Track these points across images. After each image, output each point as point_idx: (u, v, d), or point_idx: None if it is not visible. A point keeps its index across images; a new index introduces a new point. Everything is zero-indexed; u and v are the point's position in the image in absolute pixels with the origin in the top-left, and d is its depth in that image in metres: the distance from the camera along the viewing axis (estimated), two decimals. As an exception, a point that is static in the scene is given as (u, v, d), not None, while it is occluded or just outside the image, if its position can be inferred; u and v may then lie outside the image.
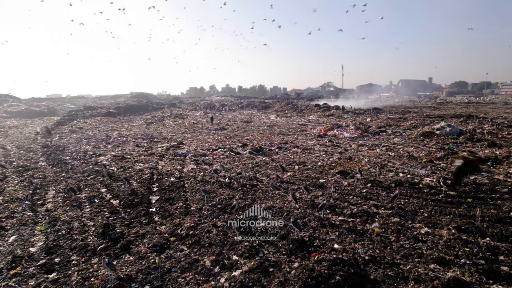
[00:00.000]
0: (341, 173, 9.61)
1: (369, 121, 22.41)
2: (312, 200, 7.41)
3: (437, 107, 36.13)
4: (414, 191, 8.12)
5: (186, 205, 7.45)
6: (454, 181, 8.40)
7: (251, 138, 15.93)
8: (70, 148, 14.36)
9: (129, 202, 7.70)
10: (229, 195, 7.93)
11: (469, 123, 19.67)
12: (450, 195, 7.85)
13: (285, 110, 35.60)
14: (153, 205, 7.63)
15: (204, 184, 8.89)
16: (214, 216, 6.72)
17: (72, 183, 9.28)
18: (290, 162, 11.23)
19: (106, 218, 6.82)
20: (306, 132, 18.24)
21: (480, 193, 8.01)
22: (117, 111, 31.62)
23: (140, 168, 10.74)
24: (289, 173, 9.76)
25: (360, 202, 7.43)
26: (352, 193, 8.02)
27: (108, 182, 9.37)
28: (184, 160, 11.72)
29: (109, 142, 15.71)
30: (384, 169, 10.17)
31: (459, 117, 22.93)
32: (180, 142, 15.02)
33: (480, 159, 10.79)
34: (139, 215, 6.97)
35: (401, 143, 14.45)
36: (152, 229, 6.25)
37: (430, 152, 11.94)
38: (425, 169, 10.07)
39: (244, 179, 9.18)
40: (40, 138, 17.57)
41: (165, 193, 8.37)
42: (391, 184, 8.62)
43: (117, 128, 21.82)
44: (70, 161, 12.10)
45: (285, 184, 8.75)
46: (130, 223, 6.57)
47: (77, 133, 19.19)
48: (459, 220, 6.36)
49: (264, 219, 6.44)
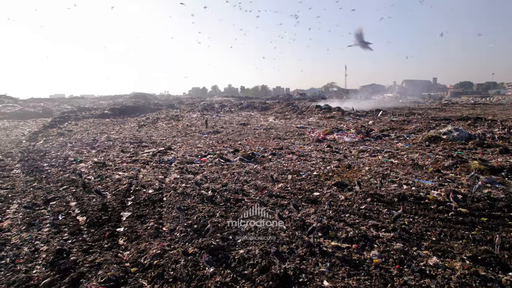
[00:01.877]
0: (338, 185, 8.63)
1: (371, 123, 21.36)
2: (302, 220, 6.46)
3: (443, 108, 34.97)
4: (420, 208, 7.16)
5: (159, 224, 6.53)
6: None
7: (245, 143, 14.95)
8: (51, 153, 13.45)
9: (96, 220, 6.79)
10: (209, 212, 7.00)
11: (478, 127, 18.60)
12: (461, 213, 6.89)
13: (285, 112, 34.65)
14: (123, 223, 6.72)
15: (185, 197, 7.97)
16: (187, 240, 5.78)
17: (40, 195, 8.38)
18: (283, 171, 10.27)
19: (63, 241, 5.90)
20: (304, 136, 17.24)
21: (496, 210, 7.03)
22: (112, 112, 30.68)
23: (118, 177, 9.83)
24: (280, 185, 8.81)
25: (358, 222, 6.48)
26: (349, 210, 7.06)
27: (80, 194, 8.47)
28: (168, 168, 10.79)
29: (94, 146, 14.77)
30: (386, 179, 9.20)
31: (466, 119, 21.82)
32: (168, 147, 14.07)
33: (493, 169, 9.79)
34: (102, 236, 6.05)
35: (405, 149, 13.44)
36: (113, 256, 5.31)
37: (437, 160, 10.93)
38: (431, 180, 9.07)
39: (229, 192, 8.24)
40: (24, 142, 16.74)
41: (139, 208, 7.44)
42: (394, 198, 7.65)
43: (107, 131, 20.87)
44: (48, 168, 11.20)
45: (274, 198, 7.79)
46: (90, 247, 5.63)
47: (65, 136, 18.30)
48: (474, 247, 5.40)
49: (244, 244, 5.52)
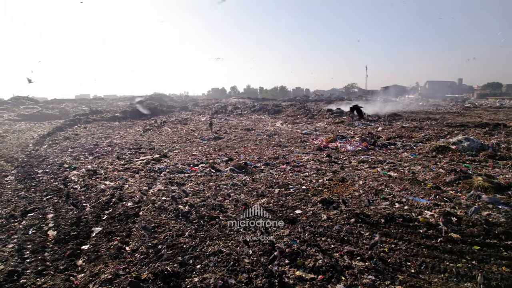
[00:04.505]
0: (324, 202, 8.12)
1: (380, 130, 20.47)
2: (271, 244, 6.05)
3: (462, 113, 33.18)
4: (407, 231, 6.58)
5: (124, 243, 6.31)
6: None
7: (241, 151, 14.60)
8: (49, 159, 13.63)
9: (65, 235, 6.67)
10: (178, 230, 6.71)
11: (495, 135, 17.37)
12: (451, 239, 6.27)
13: (296, 115, 34.05)
14: (91, 240, 6.56)
15: (161, 212, 7.74)
16: (145, 263, 5.52)
17: (20, 205, 8.40)
18: (272, 183, 9.85)
19: (21, 259, 5.77)
20: (306, 144, 16.68)
21: (492, 237, 6.35)
22: (123, 115, 31.15)
23: (104, 187, 9.74)
24: (264, 200, 8.41)
25: (332, 248, 5.99)
26: (328, 232, 6.58)
27: (61, 205, 8.42)
28: (156, 178, 10.61)
29: (92, 152, 14.87)
30: (378, 196, 8.62)
31: (485, 126, 20.45)
32: (163, 154, 13.94)
33: (499, 186, 8.96)
34: (62, 256, 5.89)
35: (409, 160, 12.67)
36: (63, 280, 5.11)
37: (439, 174, 10.17)
38: (427, 198, 8.40)
39: (207, 207, 7.92)
40: (31, 146, 17.15)
41: (111, 223, 7.27)
42: (381, 219, 7.09)
43: (112, 135, 21.11)
44: (41, 175, 11.31)
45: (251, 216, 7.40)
46: (44, 268, 5.46)
47: (70, 141, 18.62)
48: (454, 285, 4.82)
49: (202, 271, 5.19)
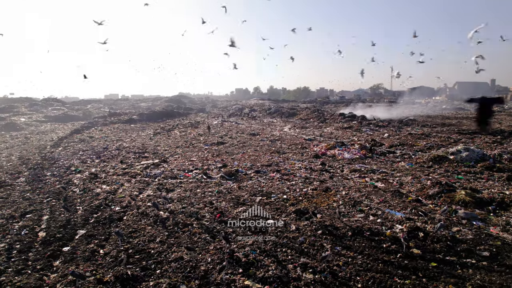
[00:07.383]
0: (297, 213, 8.36)
1: (386, 137, 20.19)
2: (230, 253, 6.40)
3: (483, 118, 31.71)
4: (370, 245, 6.72)
5: (100, 246, 6.90)
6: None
7: (238, 158, 15.01)
8: (60, 161, 14.71)
9: (52, 237, 7.37)
10: (151, 236, 7.23)
11: (504, 144, 16.72)
12: (411, 255, 6.35)
13: (309, 118, 34.03)
14: (73, 242, 7.21)
15: (142, 217, 8.30)
16: (111, 266, 6.05)
17: (22, 206, 9.27)
18: (256, 191, 10.18)
19: (7, 259, 6.48)
20: (305, 151, 16.82)
21: (453, 254, 6.37)
22: (140, 118, 32.49)
23: (98, 191, 10.48)
24: (241, 208, 8.78)
25: (289, 259, 6.26)
26: (290, 243, 6.84)
27: (57, 207, 9.20)
28: (149, 183, 11.25)
29: (100, 156, 15.85)
30: (356, 208, 8.74)
31: (499, 134, 19.68)
32: (163, 159, 14.61)
33: (481, 201, 8.81)
34: (43, 256, 6.56)
35: (403, 170, 12.56)
36: (36, 279, 5.75)
37: (424, 186, 10.08)
38: (403, 211, 8.43)
39: (185, 214, 8.40)
40: (48, 148, 18.46)
41: (95, 227, 7.91)
42: (348, 232, 7.26)
43: (124, 138, 22.19)
44: (48, 177, 12.29)
45: (223, 225, 7.79)
46: (23, 268, 6.14)
47: (84, 143, 19.85)
48: (392, 302, 4.98)
49: (160, 275, 5.65)
